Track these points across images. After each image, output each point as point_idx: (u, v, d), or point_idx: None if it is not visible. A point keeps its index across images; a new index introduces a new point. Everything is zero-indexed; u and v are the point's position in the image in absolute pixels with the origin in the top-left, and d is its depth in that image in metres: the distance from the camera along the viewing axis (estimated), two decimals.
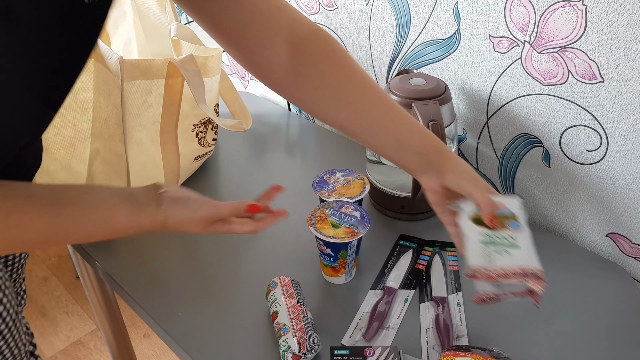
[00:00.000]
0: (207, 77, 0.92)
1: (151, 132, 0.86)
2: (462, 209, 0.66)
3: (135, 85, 0.80)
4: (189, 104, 0.90)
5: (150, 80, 0.81)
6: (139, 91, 0.81)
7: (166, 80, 0.83)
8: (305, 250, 0.84)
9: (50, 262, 2.01)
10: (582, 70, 0.77)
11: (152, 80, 0.81)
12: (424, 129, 0.68)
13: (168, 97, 0.85)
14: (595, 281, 0.80)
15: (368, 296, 0.77)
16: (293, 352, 0.64)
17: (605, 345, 0.69)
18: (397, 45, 0.99)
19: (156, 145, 0.89)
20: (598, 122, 0.79)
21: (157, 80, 0.82)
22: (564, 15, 0.75)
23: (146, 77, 0.81)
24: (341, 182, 0.85)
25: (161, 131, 0.88)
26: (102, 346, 1.71)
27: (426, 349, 0.69)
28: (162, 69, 0.81)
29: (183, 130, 0.92)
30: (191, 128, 0.94)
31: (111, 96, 0.80)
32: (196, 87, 0.84)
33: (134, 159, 0.86)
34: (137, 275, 0.81)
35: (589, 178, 0.84)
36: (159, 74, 0.82)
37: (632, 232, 0.83)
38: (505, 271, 0.60)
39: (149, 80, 0.81)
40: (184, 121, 0.92)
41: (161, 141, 0.89)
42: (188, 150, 0.96)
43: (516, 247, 0.62)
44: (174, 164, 0.93)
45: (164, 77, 0.82)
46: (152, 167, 0.90)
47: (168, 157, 0.91)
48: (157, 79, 0.82)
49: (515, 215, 0.65)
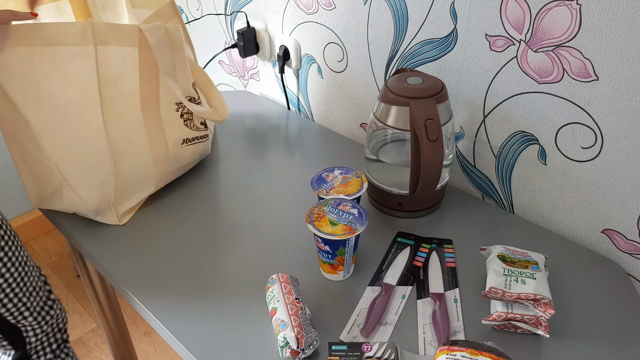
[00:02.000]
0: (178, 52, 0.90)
1: (132, 105, 0.85)
2: (492, 251, 0.78)
3: (109, 50, 0.79)
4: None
5: (122, 47, 0.80)
6: (112, 58, 0.80)
7: (139, 50, 0.82)
8: (304, 247, 0.85)
9: (51, 261, 2.02)
10: (577, 68, 0.78)
11: (125, 48, 0.81)
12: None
13: (144, 68, 0.84)
14: (590, 277, 0.80)
15: (366, 292, 0.78)
16: (291, 347, 0.65)
17: (599, 340, 0.70)
18: (395, 44, 1.00)
19: (139, 121, 0.87)
20: (593, 119, 0.80)
21: (130, 48, 0.81)
22: (558, 14, 0.76)
23: (119, 44, 0.80)
24: (339, 179, 0.86)
25: (142, 106, 0.86)
26: (103, 344, 1.72)
27: (423, 344, 0.70)
28: (132, 35, 0.80)
29: (166, 107, 0.91)
30: (174, 107, 0.93)
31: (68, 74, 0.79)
32: (162, 56, 0.83)
33: (117, 132, 0.84)
34: (138, 274, 0.82)
35: (584, 175, 0.85)
36: (131, 41, 0.81)
37: (627, 229, 0.83)
38: (518, 294, 0.68)
39: (121, 47, 0.80)
40: (166, 98, 0.90)
41: (144, 118, 0.87)
42: (173, 130, 0.94)
43: (532, 279, 0.71)
44: (160, 142, 0.91)
45: (137, 46, 0.82)
46: (136, 143, 0.88)
47: (154, 135, 0.90)
48: (129, 46, 0.81)
49: (537, 262, 0.75)
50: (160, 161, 0.93)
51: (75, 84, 0.80)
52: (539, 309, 0.67)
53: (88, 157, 0.85)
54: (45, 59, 0.77)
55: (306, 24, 1.16)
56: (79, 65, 0.79)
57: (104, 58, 0.80)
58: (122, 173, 0.88)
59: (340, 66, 1.14)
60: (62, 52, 0.77)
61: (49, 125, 0.81)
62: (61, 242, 2.06)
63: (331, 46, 1.13)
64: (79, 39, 0.77)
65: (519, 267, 0.73)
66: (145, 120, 0.88)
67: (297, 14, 1.16)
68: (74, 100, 0.80)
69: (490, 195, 1.00)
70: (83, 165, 0.85)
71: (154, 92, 0.88)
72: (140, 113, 0.87)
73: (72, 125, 0.82)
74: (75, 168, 0.85)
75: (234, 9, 1.33)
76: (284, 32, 1.23)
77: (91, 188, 0.86)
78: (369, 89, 1.10)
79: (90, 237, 0.89)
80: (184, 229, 0.91)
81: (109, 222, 0.91)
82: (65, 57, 0.78)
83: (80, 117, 0.82)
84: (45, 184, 0.88)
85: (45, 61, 0.77)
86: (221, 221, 0.93)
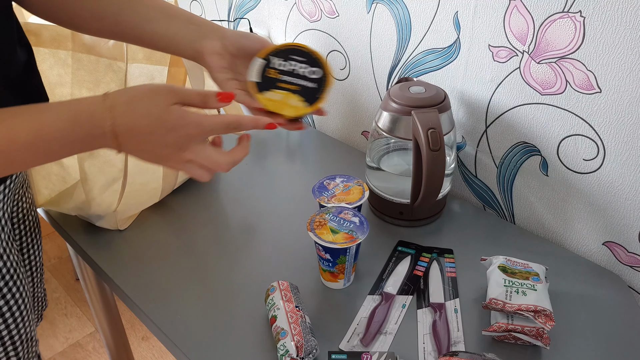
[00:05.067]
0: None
1: None
2: (492, 261, 0.78)
3: (139, 68, 0.80)
4: None
5: (153, 66, 0.81)
6: (142, 75, 0.81)
7: (169, 68, 0.83)
8: (304, 255, 0.85)
9: (50, 264, 2.01)
10: (580, 80, 0.78)
11: (156, 67, 0.82)
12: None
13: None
14: (591, 289, 0.80)
15: (366, 301, 0.78)
16: (291, 356, 0.64)
17: (600, 353, 0.70)
18: (398, 53, 1.00)
19: None
20: (595, 131, 0.80)
21: (161, 67, 0.82)
22: (562, 26, 0.76)
23: (150, 62, 0.81)
24: (340, 187, 0.86)
25: None
26: (101, 348, 1.71)
27: (423, 354, 0.69)
28: (165, 55, 0.82)
29: None
30: None
31: (100, 84, 0.80)
32: (196, 78, 0.84)
33: None
34: (137, 278, 0.82)
35: (586, 187, 0.85)
36: (163, 60, 0.82)
37: (628, 241, 0.83)
38: (519, 306, 0.68)
39: (152, 66, 0.81)
40: None
41: None
42: None
43: (533, 291, 0.71)
44: None
45: (167, 65, 0.83)
46: None
47: None
48: (160, 65, 0.82)
49: (538, 273, 0.75)
50: (170, 174, 0.94)
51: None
52: (539, 320, 0.67)
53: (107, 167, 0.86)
54: (81, 66, 0.78)
55: (309, 31, 1.16)
56: (110, 78, 0.80)
57: (133, 75, 0.81)
58: (132, 184, 0.89)
59: (342, 74, 1.14)
60: (96, 61, 0.78)
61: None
62: (61, 245, 2.06)
63: (334, 54, 1.13)
64: (114, 53, 0.79)
65: (520, 278, 0.73)
66: None
67: (300, 22, 1.17)
68: None
69: (492, 205, 1.00)
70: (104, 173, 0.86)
71: None
72: None
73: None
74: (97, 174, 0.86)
75: (237, 15, 1.33)
76: (287, 39, 1.23)
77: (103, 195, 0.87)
78: (371, 98, 1.11)
79: (90, 241, 0.89)
80: (184, 234, 0.91)
81: (109, 227, 0.91)
82: (99, 67, 0.79)
83: None
84: (57, 183, 0.88)
85: (81, 68, 0.79)
86: (222, 228, 0.93)
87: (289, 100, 0.61)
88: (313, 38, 1.16)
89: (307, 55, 0.61)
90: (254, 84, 0.61)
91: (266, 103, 0.61)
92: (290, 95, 0.61)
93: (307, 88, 0.61)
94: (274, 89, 0.61)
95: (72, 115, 0.48)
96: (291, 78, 0.61)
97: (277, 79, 0.61)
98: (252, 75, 0.61)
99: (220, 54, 0.62)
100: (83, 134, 0.48)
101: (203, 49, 0.62)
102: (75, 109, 0.48)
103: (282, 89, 0.61)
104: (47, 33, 0.75)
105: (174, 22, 0.62)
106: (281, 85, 0.61)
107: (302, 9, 1.14)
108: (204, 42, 0.62)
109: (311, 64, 0.61)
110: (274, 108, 0.61)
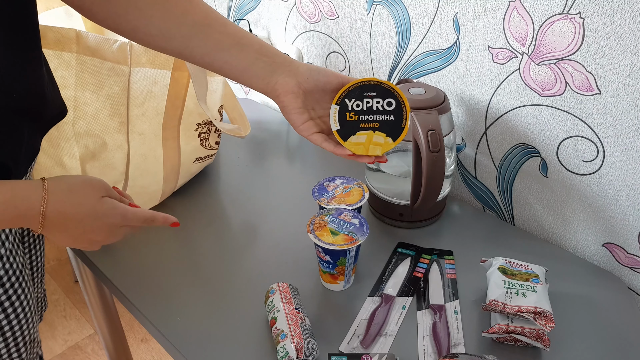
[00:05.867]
0: (211, 77, 0.93)
1: (154, 124, 0.87)
2: (492, 263, 0.78)
3: (142, 72, 0.80)
4: (194, 101, 0.90)
5: (156, 70, 0.82)
6: (145, 79, 0.82)
7: (172, 72, 0.84)
8: (304, 257, 0.85)
9: (49, 266, 2.01)
10: (579, 82, 0.78)
11: (159, 70, 0.82)
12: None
13: (173, 90, 0.86)
14: (591, 290, 0.80)
15: (366, 303, 0.77)
16: (291, 358, 0.64)
17: (600, 354, 0.70)
18: (397, 55, 1.00)
19: (158, 139, 0.89)
20: (595, 133, 0.80)
21: (164, 71, 0.83)
22: (562, 27, 0.76)
23: (153, 66, 0.81)
24: (340, 189, 0.85)
25: (164, 125, 0.88)
26: (100, 350, 1.71)
27: (423, 356, 0.69)
28: (169, 59, 0.82)
29: (186, 127, 0.93)
30: (194, 127, 0.95)
31: (104, 87, 0.80)
32: (199, 83, 0.85)
33: (135, 149, 0.86)
34: (136, 280, 0.82)
35: (585, 188, 0.85)
36: (166, 64, 0.82)
37: (627, 243, 0.83)
38: (519, 307, 0.68)
39: (155, 70, 0.82)
40: (188, 118, 0.92)
41: (163, 136, 0.89)
42: (189, 149, 0.96)
43: (533, 292, 0.71)
44: (174, 161, 0.93)
45: (170, 69, 0.83)
46: (152, 160, 0.90)
47: (169, 153, 0.92)
48: (163, 69, 0.82)
49: (538, 275, 0.74)
50: (171, 178, 0.95)
51: (107, 98, 0.81)
52: (539, 322, 0.67)
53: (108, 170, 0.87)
54: (85, 68, 0.78)
55: (309, 32, 1.16)
56: (114, 82, 0.80)
57: (136, 79, 0.81)
58: (133, 186, 0.90)
59: None
60: (100, 64, 0.79)
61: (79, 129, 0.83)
62: (60, 247, 2.06)
63: (333, 55, 1.13)
64: (118, 56, 0.79)
65: (520, 279, 0.73)
66: (164, 139, 0.90)
67: (299, 23, 1.17)
68: (104, 113, 0.82)
69: (491, 206, 1.00)
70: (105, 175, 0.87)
71: (177, 113, 0.89)
72: (161, 132, 0.89)
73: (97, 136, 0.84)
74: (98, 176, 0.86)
75: (237, 16, 1.33)
76: (287, 40, 1.23)
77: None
78: None
79: None
80: (183, 236, 0.91)
81: None
82: (103, 70, 0.79)
83: (105, 130, 0.84)
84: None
85: (85, 70, 0.79)
86: (221, 229, 0.93)
87: (373, 138, 0.62)
88: (313, 39, 1.16)
89: (377, 88, 0.61)
90: (336, 132, 0.63)
91: (354, 149, 0.63)
92: (373, 133, 0.62)
93: (387, 122, 0.62)
94: (357, 131, 0.62)
95: (7, 197, 0.51)
96: (370, 116, 0.62)
97: (356, 120, 0.62)
98: (333, 124, 0.62)
99: (295, 93, 0.61)
100: (15, 215, 0.52)
101: (277, 85, 0.61)
102: (12, 193, 0.52)
103: (364, 129, 0.62)
104: (52, 35, 0.75)
105: (244, 53, 0.60)
106: (363, 126, 0.62)
107: (302, 10, 1.14)
108: (278, 79, 0.60)
109: (382, 95, 0.61)
110: (363, 151, 0.63)
